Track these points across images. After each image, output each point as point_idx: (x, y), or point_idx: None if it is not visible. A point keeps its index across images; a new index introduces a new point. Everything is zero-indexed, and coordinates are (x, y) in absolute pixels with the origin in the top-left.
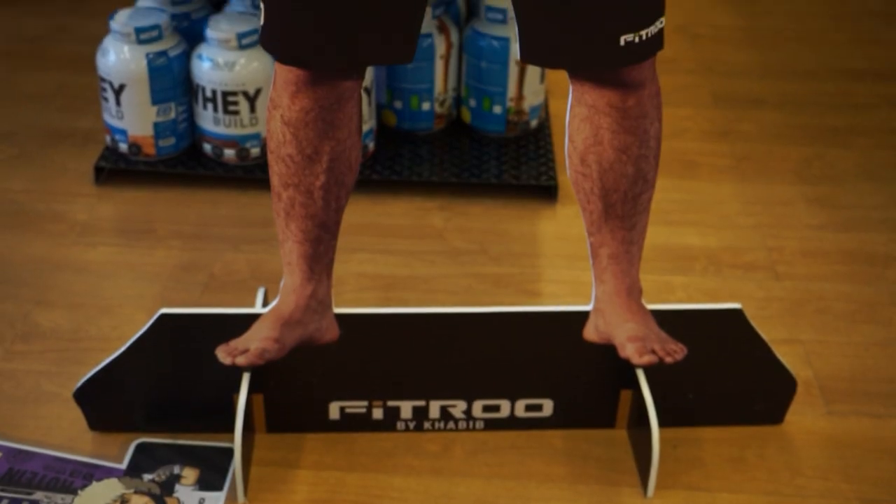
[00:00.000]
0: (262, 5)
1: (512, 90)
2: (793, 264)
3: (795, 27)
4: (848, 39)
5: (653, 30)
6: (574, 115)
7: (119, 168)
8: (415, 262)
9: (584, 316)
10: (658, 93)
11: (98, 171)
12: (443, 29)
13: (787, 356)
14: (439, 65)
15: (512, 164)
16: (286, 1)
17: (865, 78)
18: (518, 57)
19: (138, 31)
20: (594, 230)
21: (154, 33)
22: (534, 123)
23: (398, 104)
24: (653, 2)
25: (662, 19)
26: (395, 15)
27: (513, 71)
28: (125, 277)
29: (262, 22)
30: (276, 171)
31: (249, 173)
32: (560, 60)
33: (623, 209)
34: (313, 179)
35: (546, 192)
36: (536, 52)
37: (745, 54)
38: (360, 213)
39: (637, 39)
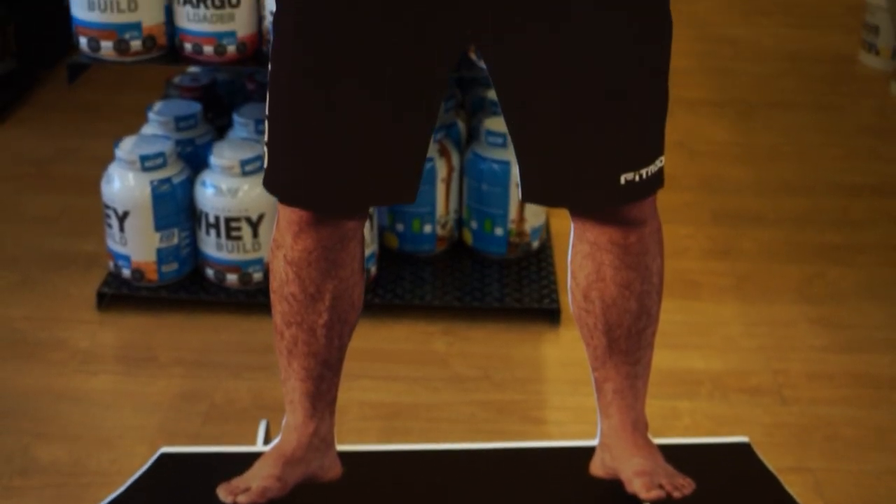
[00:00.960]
0: (265, 149)
1: (513, 212)
2: (799, 388)
3: (791, 143)
4: (843, 155)
5: (653, 168)
6: (576, 252)
7: (121, 294)
8: (418, 389)
9: (590, 451)
10: (659, 229)
11: (100, 296)
12: (444, 152)
13: (796, 486)
14: (441, 188)
15: (514, 287)
16: (289, 144)
17: (863, 193)
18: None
19: (143, 158)
20: (598, 365)
21: (159, 161)
22: (535, 244)
23: (400, 227)
24: (652, 141)
25: (662, 158)
26: (399, 156)
27: (513, 193)
28: (125, 407)
29: (265, 164)
30: (279, 310)
31: (252, 298)
32: (561, 200)
33: (627, 344)
34: (316, 318)
35: (549, 315)
36: (537, 192)
37: (743, 170)
38: (362, 338)
39: (637, 178)
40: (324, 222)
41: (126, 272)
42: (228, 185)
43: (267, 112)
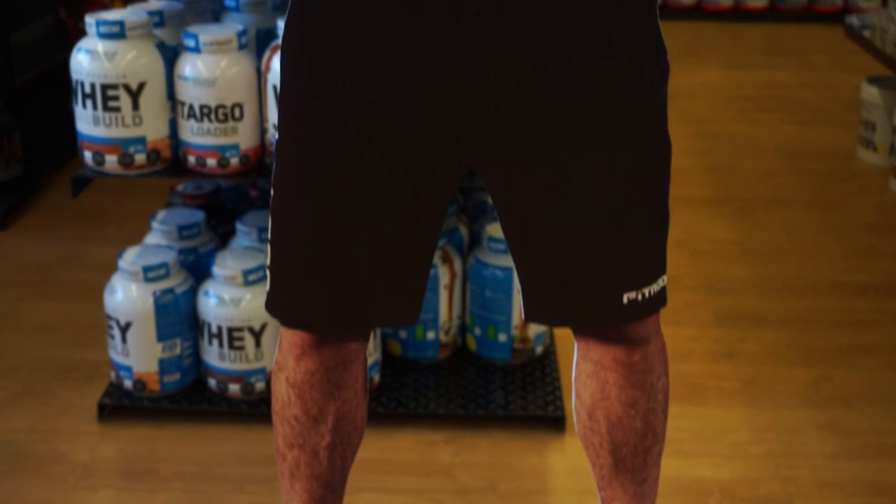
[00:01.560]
0: (267, 272)
1: (516, 318)
2: (809, 497)
3: (792, 241)
4: (845, 253)
5: (655, 287)
6: (580, 371)
7: (123, 405)
8: (423, 503)
9: None
10: (664, 347)
11: (101, 408)
12: (446, 259)
13: None
14: (443, 294)
15: (518, 394)
16: (292, 267)
17: (866, 293)
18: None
19: (146, 269)
20: (605, 485)
21: (161, 271)
22: (539, 350)
23: (403, 333)
24: (654, 260)
25: (664, 277)
26: (401, 279)
27: (516, 299)
28: None
29: (267, 287)
30: (281, 433)
31: (254, 408)
32: (563, 319)
33: (633, 463)
34: (319, 440)
35: (554, 423)
36: (539, 312)
37: (745, 269)
38: (366, 449)
39: (640, 297)
40: (326, 344)
41: (128, 383)
42: (231, 295)
43: (269, 236)
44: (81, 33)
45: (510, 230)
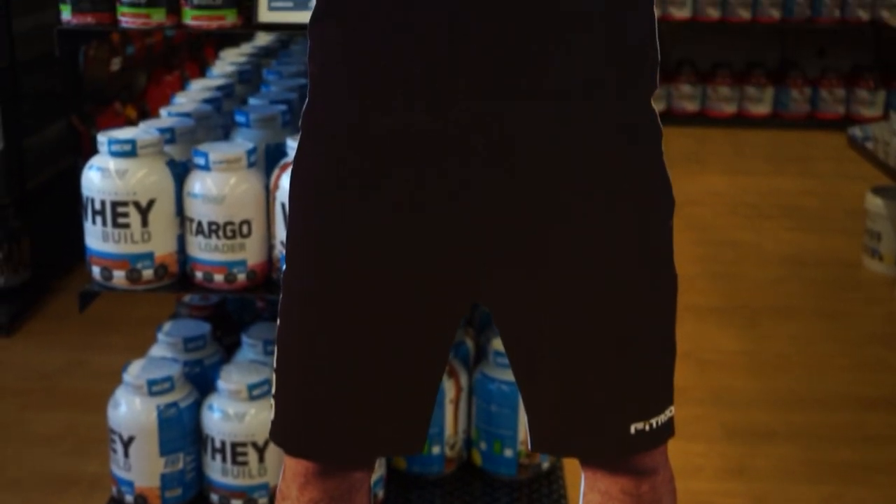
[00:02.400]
0: (272, 400)
1: (522, 433)
2: None
3: (799, 352)
4: (853, 365)
5: (663, 418)
6: (587, 501)
7: None
8: None
9: None
10: (672, 478)
11: None
12: (452, 373)
13: None
14: (449, 409)
15: None
16: (297, 397)
17: (877, 407)
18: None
19: (150, 383)
20: None
21: (166, 385)
22: (545, 466)
23: None
24: (661, 391)
25: (672, 408)
26: (407, 408)
27: (523, 415)
28: None
29: (272, 415)
30: None
31: None
32: (570, 450)
33: None
34: None
35: None
36: (546, 442)
37: (753, 382)
38: None
39: (647, 428)
40: (330, 473)
41: (129, 498)
42: (235, 410)
43: (274, 364)
44: (93, 140)
45: (517, 361)
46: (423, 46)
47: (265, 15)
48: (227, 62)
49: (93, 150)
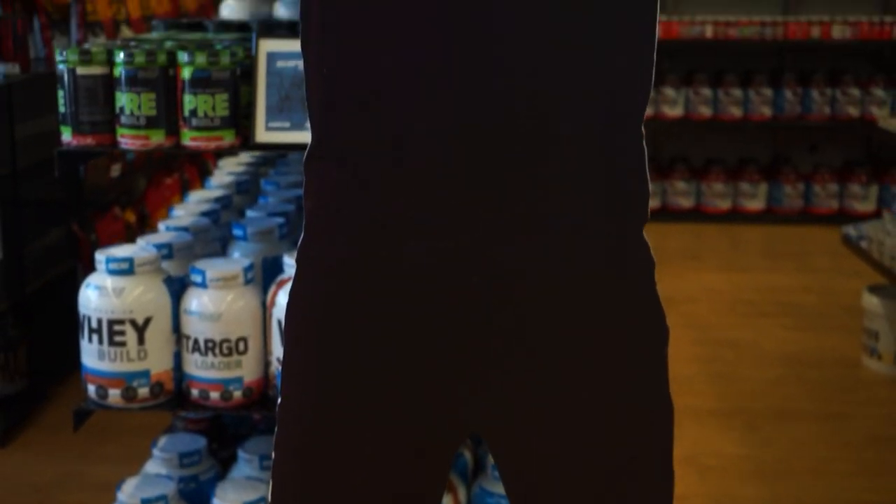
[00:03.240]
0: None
1: None
2: None
3: (801, 456)
4: (857, 470)
5: None
6: None
7: None
8: None
9: None
10: None
11: None
12: (451, 488)
13: None
14: None
15: None
16: None
17: None
18: None
19: (144, 502)
20: None
21: None
22: None
23: None
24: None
25: None
26: None
27: None
28: None
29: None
30: None
31: None
32: None
33: None
34: None
35: None
36: None
37: (756, 488)
38: None
39: None
40: None
41: None
42: None
43: (269, 497)
44: (92, 245)
45: (513, 491)
46: (417, 183)
47: (262, 135)
48: (226, 172)
49: (91, 256)
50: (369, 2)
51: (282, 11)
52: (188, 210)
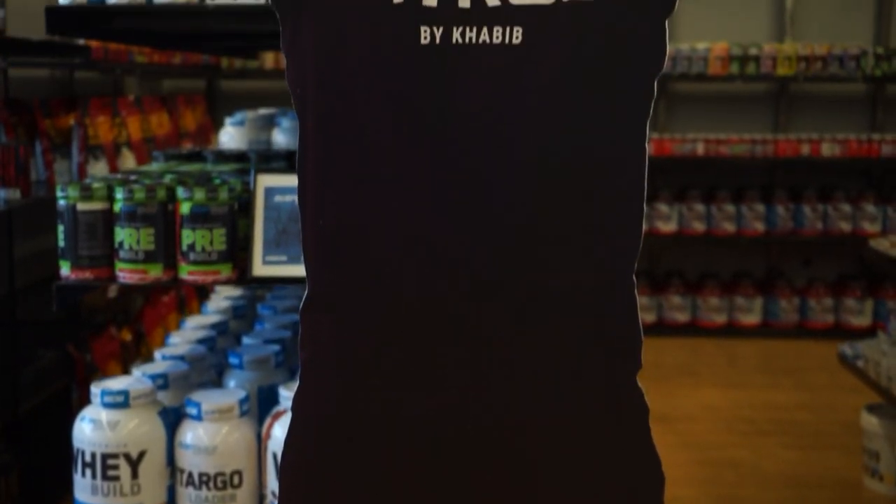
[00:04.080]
0: None
1: None
2: None
3: None
4: None
5: None
6: None
7: None
8: None
9: None
10: None
11: None
12: None
13: None
14: None
15: None
16: None
17: None
18: None
19: None
20: None
21: None
22: None
23: None
24: None
25: None
26: None
27: None
28: None
29: None
30: None
31: None
32: None
33: None
34: None
35: None
36: None
37: None
38: None
39: None
40: None
41: None
42: None
43: None
44: (87, 366)
45: None
46: (413, 337)
47: (259, 269)
48: (223, 297)
49: (87, 376)
50: (364, 159)
51: (279, 138)
52: (184, 337)
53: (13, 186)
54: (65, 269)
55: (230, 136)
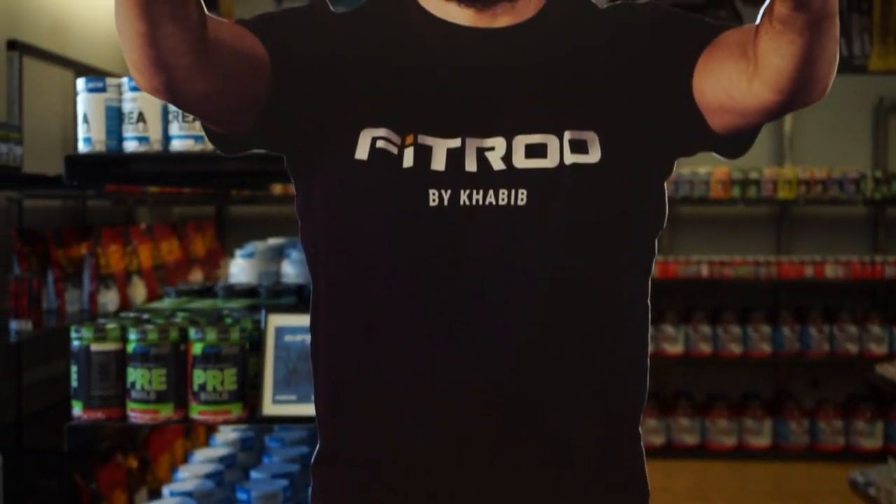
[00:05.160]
0: None
1: None
2: None
3: None
4: None
5: None
6: None
7: None
8: None
9: None
10: None
11: None
12: None
13: None
14: None
15: None
16: None
17: None
18: None
19: None
20: None
21: None
22: None
23: None
24: None
25: None
26: None
27: None
28: None
29: None
30: None
31: None
32: None
33: None
34: None
35: None
36: None
37: None
38: None
39: None
40: None
41: None
42: None
43: None
44: (92, 495)
45: None
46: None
47: (269, 408)
48: (231, 428)
49: None
50: (375, 319)
51: (289, 270)
52: (192, 472)
53: (25, 317)
54: (77, 409)
55: (240, 267)
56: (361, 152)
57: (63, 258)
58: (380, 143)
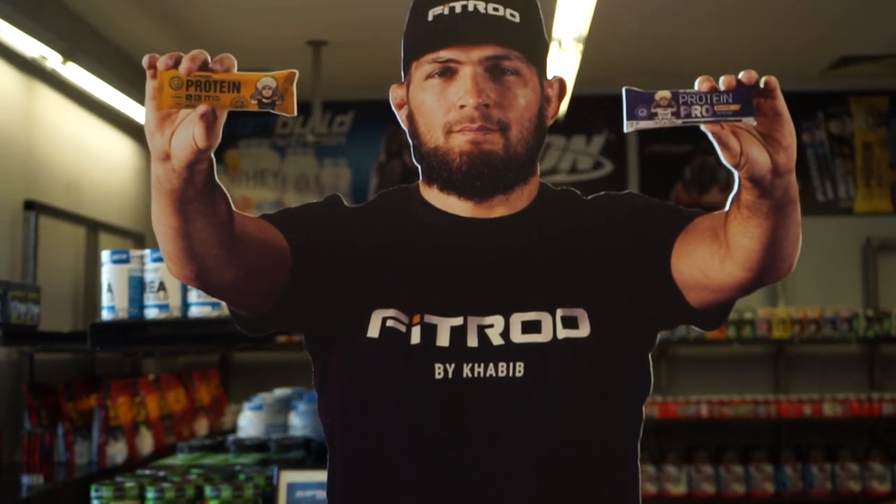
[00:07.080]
0: None
1: None
2: None
3: None
4: None
5: None
6: None
7: None
8: None
9: None
10: None
11: None
12: None
13: None
14: None
15: None
16: None
17: None
18: None
19: None
20: None
21: None
22: None
23: None
24: None
25: None
26: None
27: None
28: None
29: None
30: None
31: None
32: None
33: None
34: None
35: None
36: None
37: None
38: None
39: None
40: None
41: None
42: None
43: None
44: None
45: None
46: None
47: None
48: None
49: None
50: (387, 485)
51: (296, 422)
52: None
53: (37, 472)
54: None
55: (249, 420)
56: (373, 331)
57: (73, 411)
58: (389, 322)
